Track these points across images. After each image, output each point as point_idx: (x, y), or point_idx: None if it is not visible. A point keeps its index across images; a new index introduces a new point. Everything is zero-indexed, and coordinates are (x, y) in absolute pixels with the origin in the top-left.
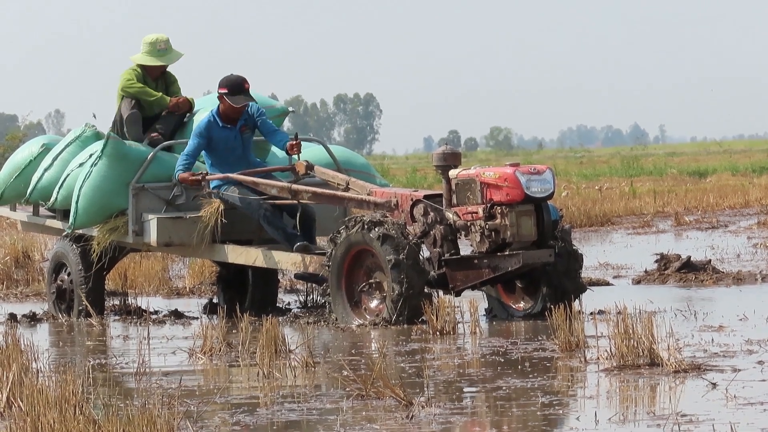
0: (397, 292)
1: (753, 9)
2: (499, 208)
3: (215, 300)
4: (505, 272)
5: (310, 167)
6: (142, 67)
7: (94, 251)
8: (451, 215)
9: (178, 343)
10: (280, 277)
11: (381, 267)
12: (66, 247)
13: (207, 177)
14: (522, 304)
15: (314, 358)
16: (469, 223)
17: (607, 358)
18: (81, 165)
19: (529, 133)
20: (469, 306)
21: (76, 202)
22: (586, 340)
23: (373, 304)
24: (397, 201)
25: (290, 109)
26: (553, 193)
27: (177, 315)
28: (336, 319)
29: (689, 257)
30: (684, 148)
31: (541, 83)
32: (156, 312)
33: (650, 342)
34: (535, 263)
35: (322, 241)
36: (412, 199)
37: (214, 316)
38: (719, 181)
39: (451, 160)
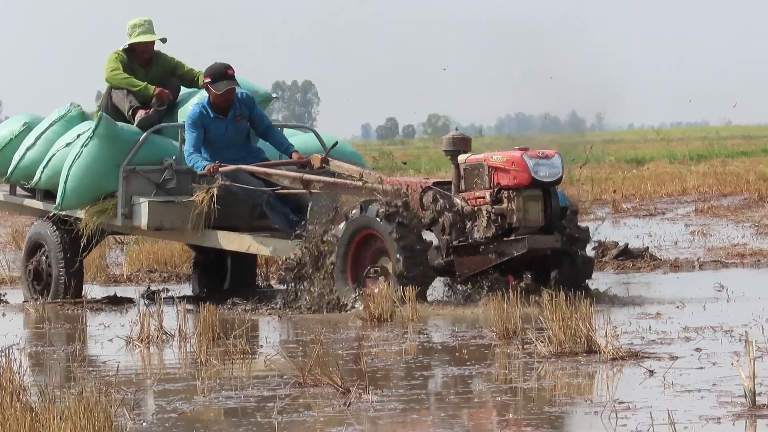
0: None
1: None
2: (506, 192)
3: (192, 288)
4: (510, 257)
5: (325, 161)
6: (129, 52)
7: (81, 233)
8: (459, 201)
9: (115, 330)
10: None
11: (387, 252)
12: (45, 229)
13: (221, 169)
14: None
15: (252, 346)
16: (476, 209)
17: (544, 346)
18: (68, 145)
19: (467, 120)
20: (407, 293)
21: (65, 183)
22: (523, 327)
23: (377, 290)
24: (407, 189)
25: (274, 95)
26: (561, 178)
27: (114, 302)
28: (308, 307)
29: (627, 244)
30: (622, 136)
31: (479, 70)
32: (93, 299)
33: (588, 329)
34: (541, 249)
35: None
36: (421, 187)
37: (152, 304)
38: (657, 169)
39: (460, 145)
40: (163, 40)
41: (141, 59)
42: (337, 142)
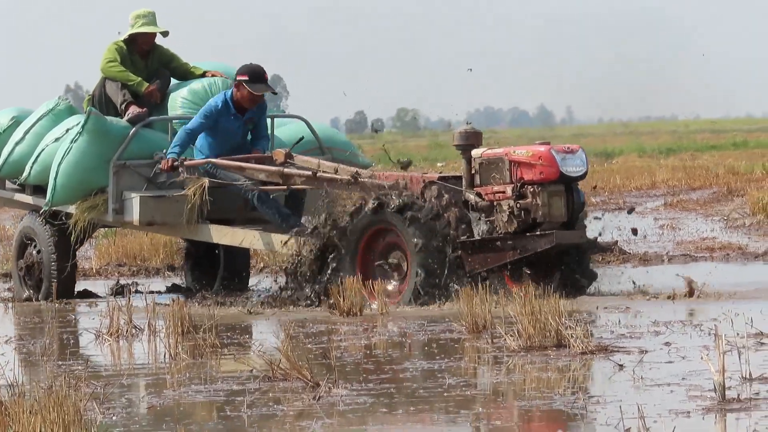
0: (422, 276)
1: None
2: (530, 187)
3: (185, 281)
4: (534, 253)
5: (289, 156)
6: (129, 42)
7: (71, 229)
8: (472, 196)
9: (85, 324)
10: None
11: (401, 247)
12: (35, 224)
13: (186, 163)
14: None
15: (221, 340)
16: (495, 203)
17: (514, 340)
18: (57, 140)
19: (435, 114)
20: (376, 287)
21: (55, 179)
22: (493, 321)
23: (390, 286)
24: (406, 183)
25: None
26: (586, 173)
27: (84, 296)
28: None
29: (596, 238)
30: (591, 130)
31: (448, 63)
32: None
33: (557, 323)
34: (567, 244)
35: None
36: (423, 181)
37: (122, 297)
38: (626, 163)
39: (473, 139)
40: (165, 34)
41: (141, 50)
42: (302, 138)
